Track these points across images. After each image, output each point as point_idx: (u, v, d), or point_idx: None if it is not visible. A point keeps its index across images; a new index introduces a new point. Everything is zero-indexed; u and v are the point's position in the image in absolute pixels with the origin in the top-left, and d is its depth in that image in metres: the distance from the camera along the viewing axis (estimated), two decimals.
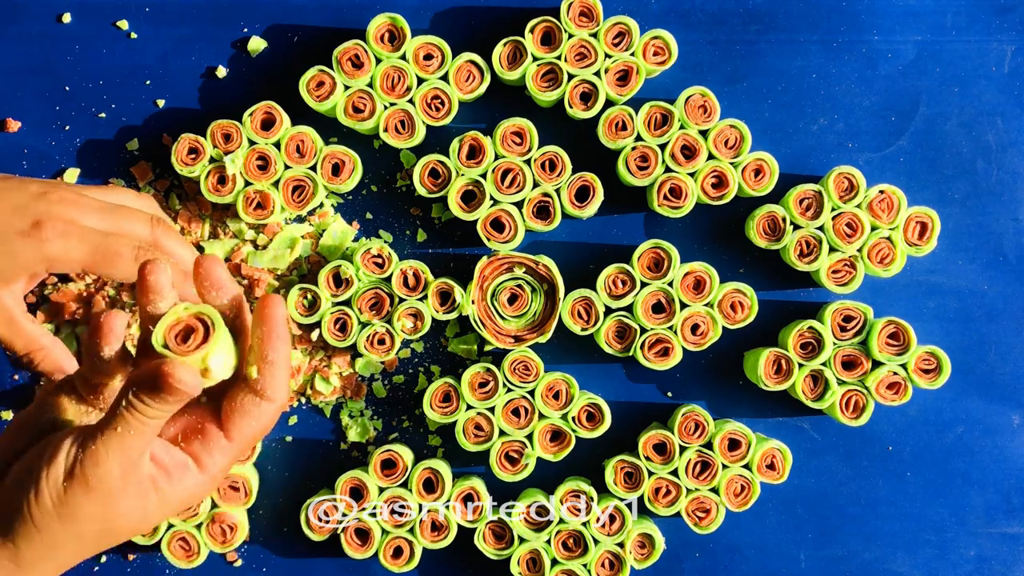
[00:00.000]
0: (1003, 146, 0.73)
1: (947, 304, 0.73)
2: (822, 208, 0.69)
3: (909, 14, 0.73)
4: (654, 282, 0.69)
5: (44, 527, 0.42)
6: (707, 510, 0.69)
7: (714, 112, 0.69)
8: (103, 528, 0.43)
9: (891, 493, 0.72)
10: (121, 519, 0.43)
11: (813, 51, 0.73)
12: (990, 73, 0.73)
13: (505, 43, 0.69)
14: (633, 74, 0.69)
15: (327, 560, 0.72)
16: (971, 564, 0.72)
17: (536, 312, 0.70)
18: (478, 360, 0.72)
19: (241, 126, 0.68)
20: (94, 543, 0.44)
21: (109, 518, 0.43)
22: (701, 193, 0.69)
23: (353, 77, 0.69)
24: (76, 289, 0.71)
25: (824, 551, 0.72)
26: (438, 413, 0.69)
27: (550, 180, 0.69)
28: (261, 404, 0.45)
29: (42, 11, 0.73)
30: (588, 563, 0.68)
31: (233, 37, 0.73)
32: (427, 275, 0.70)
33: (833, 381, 0.69)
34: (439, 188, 0.69)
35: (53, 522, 0.42)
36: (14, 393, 0.72)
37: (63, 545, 0.43)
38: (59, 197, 0.55)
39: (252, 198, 0.69)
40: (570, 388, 0.69)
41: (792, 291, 0.73)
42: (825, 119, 0.73)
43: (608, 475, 0.69)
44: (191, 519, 0.68)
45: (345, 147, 0.70)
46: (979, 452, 0.72)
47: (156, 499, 0.44)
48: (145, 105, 0.73)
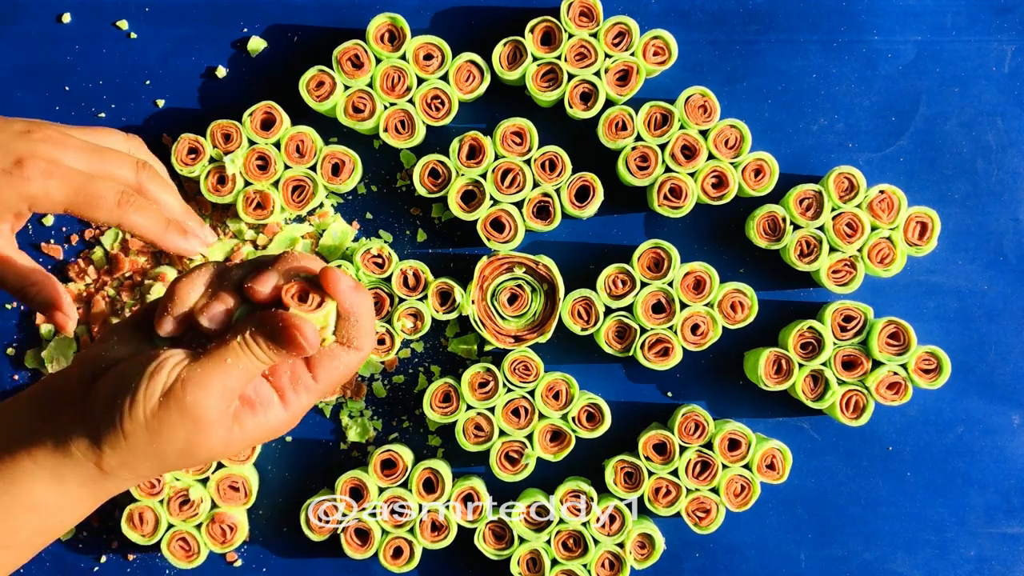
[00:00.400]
0: (1003, 146, 0.73)
1: (947, 304, 0.73)
2: (822, 208, 0.69)
3: (909, 14, 0.73)
4: (654, 282, 0.69)
5: (131, 437, 0.43)
6: (707, 510, 0.69)
7: (714, 112, 0.69)
8: (184, 450, 0.44)
9: (891, 493, 0.72)
10: (203, 445, 0.44)
11: (813, 51, 0.73)
12: (990, 73, 0.73)
13: (505, 43, 0.69)
14: (633, 74, 0.69)
15: (327, 560, 0.72)
16: (971, 564, 0.72)
17: (536, 312, 0.70)
18: (478, 360, 0.72)
19: (241, 126, 0.68)
20: (174, 462, 0.45)
21: (192, 442, 0.44)
22: (701, 193, 0.69)
23: (353, 77, 0.69)
24: (76, 289, 0.71)
25: (824, 551, 0.72)
26: (438, 413, 0.69)
27: (550, 180, 0.69)
28: (349, 351, 0.46)
29: (42, 11, 0.73)
30: (588, 563, 0.68)
31: (233, 37, 0.73)
32: (427, 275, 0.70)
33: (833, 381, 0.69)
34: (439, 188, 0.69)
35: (141, 434, 0.43)
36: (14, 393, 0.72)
37: (144, 459, 0.44)
38: (43, 136, 0.54)
39: (252, 198, 0.69)
40: (570, 388, 0.69)
41: (792, 291, 0.73)
42: (825, 119, 0.73)
43: (608, 475, 0.69)
44: (191, 519, 0.67)
45: (345, 147, 0.70)
46: (979, 452, 0.72)
47: (239, 430, 0.45)
48: (145, 105, 0.73)
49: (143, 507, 0.67)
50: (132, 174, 0.56)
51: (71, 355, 0.71)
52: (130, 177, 0.56)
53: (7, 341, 0.73)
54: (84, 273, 0.71)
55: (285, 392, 0.46)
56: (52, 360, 0.71)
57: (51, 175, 0.52)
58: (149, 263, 0.71)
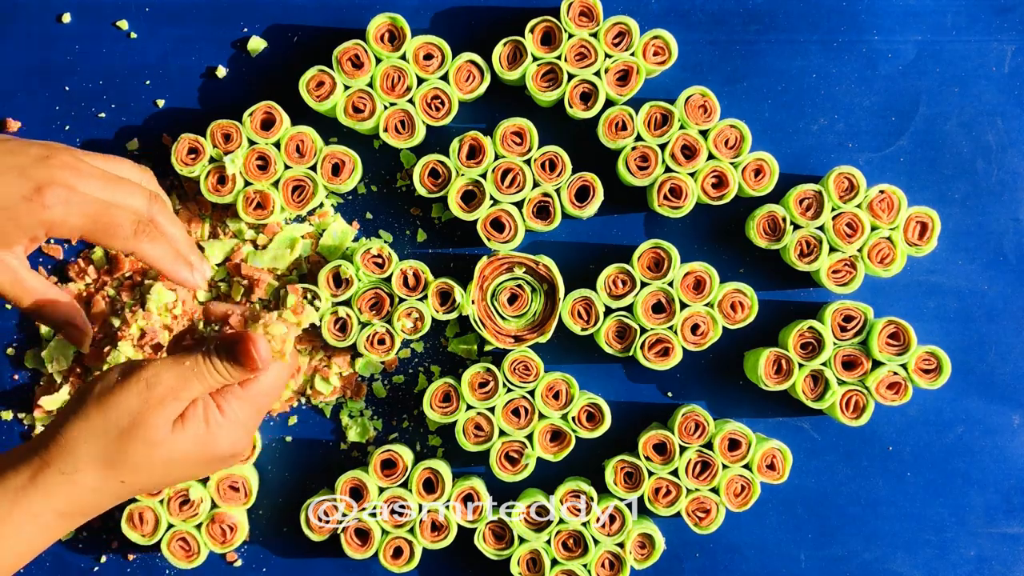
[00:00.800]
0: (1003, 146, 0.73)
1: (947, 304, 0.73)
2: (822, 208, 0.69)
3: (909, 14, 0.73)
4: (654, 282, 0.69)
5: (83, 412, 0.49)
6: (707, 510, 0.69)
7: (714, 112, 0.69)
8: (129, 430, 0.49)
9: (891, 493, 0.72)
10: (150, 425, 0.49)
11: (813, 51, 0.73)
12: (990, 73, 0.73)
13: (505, 43, 0.69)
14: (633, 74, 0.69)
15: (327, 560, 0.72)
16: (971, 564, 0.72)
17: (536, 312, 0.70)
18: (478, 360, 0.72)
19: (241, 126, 0.68)
20: (116, 446, 0.49)
21: (140, 417, 0.49)
22: (701, 193, 0.69)
23: (353, 77, 0.69)
24: (76, 289, 0.71)
25: (824, 551, 0.72)
26: (438, 413, 0.69)
27: (550, 180, 0.69)
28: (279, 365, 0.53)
29: (42, 11, 0.73)
30: (588, 563, 0.68)
31: (233, 37, 0.73)
32: (427, 275, 0.70)
33: (833, 381, 0.69)
34: (439, 188, 0.69)
35: (93, 406, 0.49)
36: (14, 393, 0.72)
37: (92, 436, 0.49)
38: (61, 162, 0.55)
39: (252, 198, 0.69)
40: (570, 388, 0.69)
41: (792, 291, 0.73)
42: (825, 119, 0.73)
43: (608, 475, 0.69)
44: (191, 519, 0.67)
45: (345, 147, 0.70)
46: (979, 452, 0.72)
47: (181, 434, 0.50)
48: (145, 105, 0.73)
49: (143, 507, 0.67)
50: (145, 205, 0.57)
51: (71, 355, 0.71)
52: (143, 208, 0.57)
53: (7, 341, 0.73)
54: (84, 273, 0.71)
55: (221, 403, 0.51)
56: (52, 360, 0.71)
57: (70, 202, 0.54)
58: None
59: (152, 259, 0.57)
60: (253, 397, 0.52)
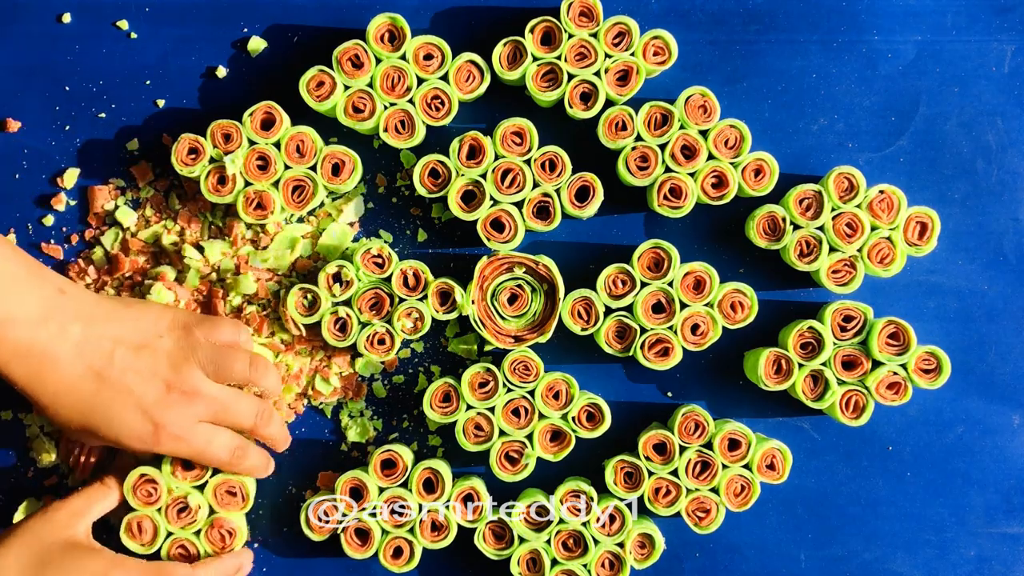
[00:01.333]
0: (1003, 146, 0.73)
1: (947, 304, 0.73)
2: (822, 208, 0.69)
3: (909, 14, 0.73)
4: (654, 282, 0.69)
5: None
6: (707, 510, 0.69)
7: (714, 112, 0.69)
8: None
9: (891, 493, 0.72)
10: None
11: (813, 51, 0.73)
12: (990, 73, 0.73)
13: (505, 43, 0.69)
14: (633, 74, 0.69)
15: (327, 560, 0.72)
16: (971, 564, 0.72)
17: (536, 312, 0.70)
18: (478, 360, 0.72)
19: (241, 126, 0.68)
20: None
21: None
22: (701, 193, 0.69)
23: (353, 77, 0.69)
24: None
25: (824, 551, 0.72)
26: (438, 413, 0.69)
27: (550, 180, 0.69)
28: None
29: (42, 11, 0.73)
30: (588, 563, 0.68)
31: (233, 37, 0.73)
32: (427, 275, 0.70)
33: (833, 381, 0.69)
34: (439, 188, 0.69)
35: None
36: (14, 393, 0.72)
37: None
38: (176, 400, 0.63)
39: (252, 198, 0.69)
40: (570, 388, 0.69)
41: (792, 291, 0.73)
42: (825, 119, 0.73)
43: (608, 475, 0.69)
44: (190, 526, 0.67)
45: (345, 147, 0.70)
46: (979, 452, 0.72)
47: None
48: (145, 105, 0.73)
49: (141, 516, 0.66)
50: (251, 420, 0.66)
51: None
52: (248, 423, 0.66)
53: None
54: (84, 273, 0.71)
55: None
56: None
57: (179, 441, 0.63)
58: (149, 263, 0.71)
59: (244, 475, 0.67)
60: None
